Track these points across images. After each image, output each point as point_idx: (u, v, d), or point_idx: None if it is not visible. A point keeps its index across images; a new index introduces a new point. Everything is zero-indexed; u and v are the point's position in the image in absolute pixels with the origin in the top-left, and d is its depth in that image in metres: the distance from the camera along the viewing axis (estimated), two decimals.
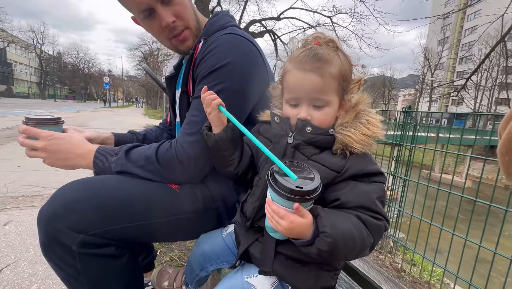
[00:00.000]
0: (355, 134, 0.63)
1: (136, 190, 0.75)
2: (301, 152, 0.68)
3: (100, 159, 0.80)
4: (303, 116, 0.66)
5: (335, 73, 0.64)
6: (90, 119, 12.19)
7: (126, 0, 0.80)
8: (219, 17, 0.91)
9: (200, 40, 0.84)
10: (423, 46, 44.23)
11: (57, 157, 0.80)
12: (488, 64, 30.45)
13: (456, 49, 43.99)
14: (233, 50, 0.78)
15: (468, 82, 4.25)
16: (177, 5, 0.82)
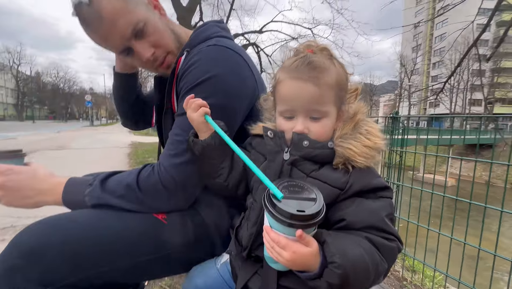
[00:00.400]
0: (357, 146, 0.59)
1: (116, 225, 0.65)
2: (299, 168, 0.62)
3: (70, 193, 0.70)
4: (300, 130, 0.61)
5: (331, 82, 0.60)
6: (71, 139, 11.69)
7: (104, 45, 0.78)
8: (204, 28, 0.85)
9: (183, 52, 0.78)
10: (398, 54, 46.75)
11: (16, 194, 0.69)
12: (459, 68, 32.50)
13: (429, 55, 46.85)
14: (217, 62, 0.72)
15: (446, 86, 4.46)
16: (151, 35, 0.77)
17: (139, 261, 0.66)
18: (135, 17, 0.74)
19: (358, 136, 0.61)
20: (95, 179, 0.71)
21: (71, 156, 7.04)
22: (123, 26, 0.73)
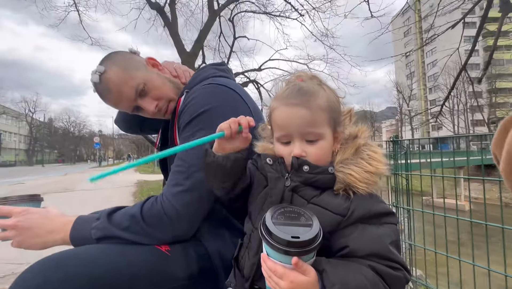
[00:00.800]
0: (358, 172, 0.58)
1: (119, 260, 0.65)
2: (300, 194, 0.62)
3: (78, 229, 0.72)
4: (298, 153, 0.61)
5: (323, 104, 0.62)
6: (77, 181, 11.78)
7: (118, 108, 0.94)
8: (202, 70, 0.95)
9: (183, 93, 0.87)
10: (393, 81, 48.55)
11: (27, 233, 0.71)
12: (455, 91, 33.26)
13: (423, 81, 48.47)
14: (212, 97, 0.79)
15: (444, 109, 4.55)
16: (152, 91, 0.90)
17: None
18: (136, 81, 0.87)
19: (360, 161, 0.61)
20: (101, 213, 0.74)
21: (77, 197, 7.04)
22: (128, 91, 0.87)
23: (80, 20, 7.78)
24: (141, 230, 0.70)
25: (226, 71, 0.98)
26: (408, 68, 49.28)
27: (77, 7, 7.54)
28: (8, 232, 0.71)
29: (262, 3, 8.28)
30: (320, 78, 0.68)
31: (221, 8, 7.75)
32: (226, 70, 0.99)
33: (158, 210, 0.71)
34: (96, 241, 0.70)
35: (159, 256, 0.70)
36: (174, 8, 7.31)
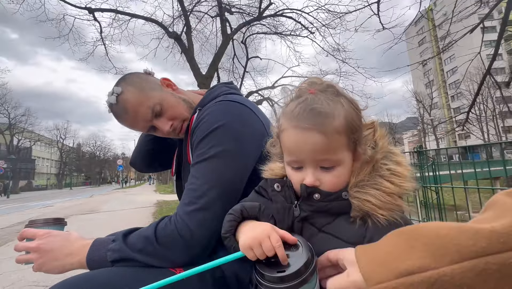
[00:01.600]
0: (377, 196, 0.50)
1: (132, 284, 0.62)
2: (311, 222, 0.55)
3: (94, 252, 0.72)
4: (311, 183, 0.53)
5: (340, 126, 0.52)
6: (102, 203, 12.22)
7: (133, 129, 0.93)
8: (214, 89, 0.96)
9: (196, 111, 0.88)
10: (412, 91, 47.15)
11: (47, 256, 0.71)
12: (481, 97, 31.54)
13: (444, 89, 46.63)
14: (224, 114, 0.79)
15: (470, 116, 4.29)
16: (167, 112, 0.90)
17: None
18: (152, 101, 0.88)
19: (379, 181, 0.52)
20: (117, 234, 0.73)
21: (101, 218, 7.26)
22: (144, 112, 0.88)
23: (106, 53, 8.51)
24: (155, 252, 0.68)
25: (236, 89, 1.00)
26: (427, 77, 47.88)
27: (104, 41, 8.29)
28: (31, 254, 0.73)
29: (273, 25, 8.62)
30: (337, 88, 0.57)
31: (234, 32, 8.15)
32: (236, 88, 1.01)
33: (171, 230, 0.69)
34: (111, 263, 0.69)
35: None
36: (190, 35, 7.81)
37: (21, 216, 8.73)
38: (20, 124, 40.52)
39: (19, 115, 40.17)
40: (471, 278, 0.30)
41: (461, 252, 0.32)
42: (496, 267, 0.30)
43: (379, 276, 0.35)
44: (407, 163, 0.56)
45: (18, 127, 40.20)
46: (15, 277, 2.88)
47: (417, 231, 0.37)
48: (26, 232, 0.76)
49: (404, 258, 0.34)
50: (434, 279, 0.32)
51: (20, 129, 40.47)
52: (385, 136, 0.59)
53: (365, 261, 0.38)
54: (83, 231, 0.79)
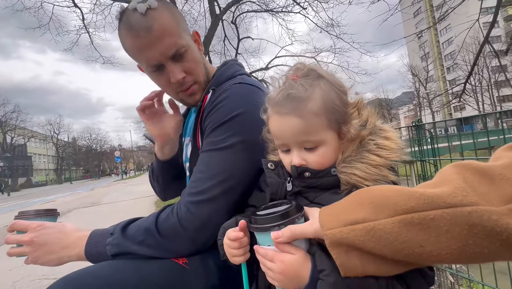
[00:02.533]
0: (363, 169, 0.54)
1: (135, 276, 0.62)
2: (304, 196, 0.60)
3: (93, 245, 0.70)
4: (297, 163, 0.58)
5: (316, 108, 0.56)
6: (103, 195, 12.31)
7: (138, 55, 0.76)
8: (227, 66, 0.89)
9: (209, 91, 0.81)
10: (407, 65, 46.49)
11: (42, 249, 0.69)
12: (476, 68, 31.27)
13: (440, 61, 46.05)
14: (243, 100, 0.74)
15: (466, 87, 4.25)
16: (188, 62, 0.78)
17: None
18: (181, 41, 0.75)
19: (366, 155, 0.56)
20: (115, 227, 0.71)
21: (104, 210, 7.34)
22: (167, 44, 0.73)
23: (91, 41, 8.13)
24: (156, 244, 0.67)
25: (244, 68, 0.94)
26: (422, 50, 47.07)
27: (87, 29, 7.89)
28: (24, 247, 0.70)
29: (263, 1, 8.23)
30: (319, 72, 0.60)
31: (223, 12, 7.78)
32: (243, 67, 0.95)
33: (173, 220, 0.67)
34: (111, 257, 0.68)
35: (177, 270, 0.66)
36: None
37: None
38: (11, 121, 39.69)
39: (8, 112, 39.28)
40: (398, 228, 0.39)
41: (395, 209, 0.40)
42: (418, 221, 0.38)
43: (330, 224, 0.45)
44: (397, 137, 0.59)
45: (10, 125, 39.40)
46: (24, 272, 2.94)
47: (367, 192, 0.46)
48: (16, 224, 0.72)
49: (353, 212, 0.44)
50: (371, 227, 0.41)
51: (12, 126, 39.70)
52: (373, 114, 0.61)
53: (323, 214, 0.48)
54: (87, 224, 0.77)
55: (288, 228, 0.48)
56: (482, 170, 0.39)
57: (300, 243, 0.50)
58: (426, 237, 0.38)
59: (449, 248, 0.37)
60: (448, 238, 0.37)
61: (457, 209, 0.36)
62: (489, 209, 0.35)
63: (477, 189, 0.37)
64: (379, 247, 0.41)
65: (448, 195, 0.37)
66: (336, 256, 0.43)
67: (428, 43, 47.99)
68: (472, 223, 0.35)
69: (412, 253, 0.39)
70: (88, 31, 7.93)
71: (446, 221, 0.36)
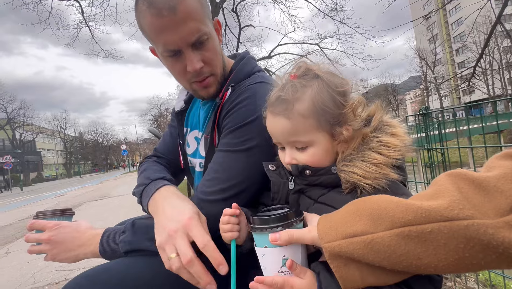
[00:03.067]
0: (363, 167, 0.54)
1: (146, 272, 0.65)
2: (307, 194, 0.61)
3: (106, 243, 0.73)
4: (288, 162, 0.61)
5: (304, 110, 0.57)
6: (112, 188, 12.59)
7: (157, 36, 0.70)
8: (245, 61, 0.86)
9: (228, 87, 0.80)
10: (414, 48, 45.02)
11: (60, 247, 0.73)
12: (487, 49, 30.10)
13: (449, 43, 44.42)
14: (264, 102, 0.71)
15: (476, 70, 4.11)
16: (208, 51, 0.74)
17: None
18: (205, 28, 0.71)
19: (367, 153, 0.55)
20: (127, 225, 0.74)
21: (113, 203, 7.53)
22: (190, 29, 0.68)
23: (92, 35, 8.08)
24: None
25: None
26: (430, 32, 45.35)
27: (87, 22, 7.82)
28: (43, 245, 0.74)
29: None
30: (316, 72, 0.60)
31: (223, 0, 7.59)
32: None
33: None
34: (124, 254, 0.70)
35: None
36: None
37: (38, 206, 9.08)
38: (19, 118, 40.35)
39: (15, 109, 39.84)
40: (396, 241, 0.40)
41: (393, 222, 0.40)
42: (416, 234, 0.38)
43: (329, 237, 0.45)
44: (404, 133, 0.58)
45: (18, 121, 40.09)
46: (42, 264, 3.08)
47: (364, 203, 0.45)
48: (35, 223, 0.76)
49: (351, 224, 0.44)
50: (369, 240, 0.41)
51: (20, 123, 40.40)
52: (380, 109, 0.61)
53: (322, 224, 0.48)
54: (98, 216, 0.80)
55: (287, 231, 0.49)
56: (476, 180, 0.39)
57: (297, 248, 0.51)
58: (424, 250, 0.38)
59: (446, 260, 0.37)
60: (445, 250, 0.37)
61: (454, 223, 0.36)
62: (485, 222, 0.35)
63: (472, 201, 0.37)
64: (378, 260, 0.41)
65: (445, 208, 0.37)
66: (336, 269, 0.44)
67: (436, 24, 46.17)
68: (469, 236, 0.35)
69: (411, 265, 0.40)
70: (88, 24, 7.87)
71: (444, 234, 0.37)
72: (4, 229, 5.73)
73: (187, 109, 0.97)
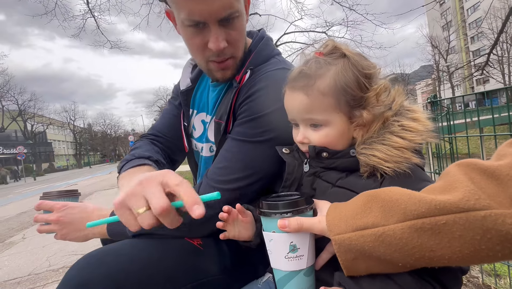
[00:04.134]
0: (383, 151, 0.52)
1: (153, 256, 0.66)
2: (323, 178, 0.59)
3: (114, 224, 0.74)
4: (299, 140, 0.60)
5: (325, 88, 0.56)
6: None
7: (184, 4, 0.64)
8: (264, 42, 0.81)
9: (247, 71, 0.75)
10: (427, 36, 43.31)
11: (69, 228, 0.76)
12: (505, 35, 28.68)
13: (463, 30, 42.52)
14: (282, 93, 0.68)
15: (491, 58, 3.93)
16: (235, 30, 0.69)
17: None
18: (237, 4, 0.66)
19: (388, 137, 0.53)
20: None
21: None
22: (223, 3, 0.63)
23: (98, 26, 8.09)
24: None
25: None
26: (444, 18, 43.44)
27: (92, 12, 7.81)
28: (52, 225, 0.77)
29: None
30: (343, 51, 0.58)
31: None
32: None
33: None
34: (132, 237, 0.72)
35: (192, 251, 0.70)
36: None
37: None
38: (30, 109, 41.22)
39: (26, 100, 40.64)
40: (408, 233, 0.39)
41: (405, 214, 0.39)
42: (429, 227, 0.37)
43: (339, 229, 0.44)
44: (425, 118, 0.56)
45: (29, 113, 40.98)
46: (57, 248, 3.22)
47: (376, 195, 0.44)
48: (42, 204, 0.78)
49: (362, 216, 0.43)
50: (380, 233, 0.40)
51: (31, 114, 41.29)
52: (401, 94, 0.59)
53: (331, 215, 0.46)
54: (108, 204, 0.82)
55: (296, 219, 0.48)
56: (488, 170, 0.37)
57: (305, 235, 0.50)
58: (437, 242, 0.37)
59: (461, 252, 0.36)
60: (460, 243, 0.36)
61: (471, 214, 0.35)
62: (503, 212, 0.34)
63: (486, 191, 0.36)
64: (389, 252, 0.40)
65: (460, 199, 0.36)
66: (344, 263, 0.44)
67: (451, 10, 44.11)
68: (487, 227, 0.34)
69: (423, 257, 0.39)
70: (93, 15, 7.87)
71: (459, 226, 0.36)
72: (20, 216, 5.98)
73: (193, 89, 0.91)
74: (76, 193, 0.86)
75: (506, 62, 31.34)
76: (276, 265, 0.53)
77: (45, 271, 2.62)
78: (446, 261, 0.38)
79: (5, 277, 2.59)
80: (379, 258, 0.42)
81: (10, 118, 37.98)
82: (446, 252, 0.37)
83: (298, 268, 0.51)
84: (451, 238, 0.36)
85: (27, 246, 3.52)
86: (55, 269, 2.63)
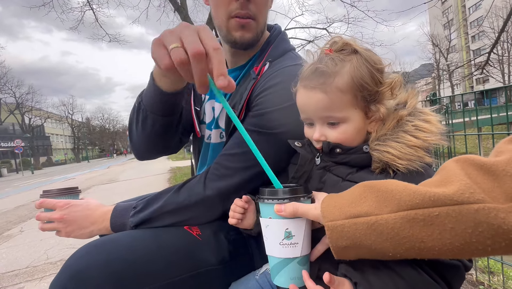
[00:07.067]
0: (397, 148, 0.52)
1: (152, 244, 0.67)
2: (334, 172, 0.59)
3: (117, 218, 0.76)
4: (317, 138, 0.60)
5: (343, 85, 0.56)
6: (119, 173, 12.89)
7: None
8: (282, 37, 0.84)
9: (266, 62, 0.78)
10: (428, 34, 43.13)
11: (73, 226, 0.76)
12: (505, 35, 28.61)
13: (465, 28, 42.37)
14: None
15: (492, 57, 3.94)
16: (259, 4, 0.73)
17: (177, 280, 0.67)
18: None
19: (402, 135, 0.54)
20: (138, 201, 0.77)
21: (121, 187, 7.74)
22: None
23: (96, 18, 7.99)
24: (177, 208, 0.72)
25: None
26: (445, 16, 43.24)
27: (91, 5, 7.71)
28: (56, 223, 0.77)
29: None
30: (354, 47, 0.59)
31: None
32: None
33: (199, 191, 0.72)
34: (133, 228, 0.73)
35: (190, 241, 0.71)
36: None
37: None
38: (27, 102, 40.91)
39: (24, 93, 40.29)
40: (400, 224, 0.39)
41: (399, 205, 0.40)
42: (422, 218, 0.38)
43: (332, 216, 0.45)
44: (437, 121, 0.56)
45: (26, 106, 40.69)
46: (54, 242, 3.22)
47: (372, 185, 0.45)
48: (44, 202, 0.78)
49: (356, 205, 0.44)
50: (373, 222, 0.41)
51: (28, 108, 41.01)
52: (415, 95, 0.60)
53: (326, 203, 0.47)
54: (107, 199, 0.82)
55: (292, 204, 0.49)
56: (485, 165, 0.37)
57: (301, 222, 0.51)
58: (429, 234, 0.38)
59: (451, 245, 0.37)
60: (452, 235, 0.36)
61: (464, 207, 0.35)
62: (496, 206, 0.34)
63: (482, 185, 0.36)
64: (379, 241, 0.41)
65: (455, 192, 0.36)
66: (334, 248, 0.45)
67: (452, 8, 43.85)
68: (479, 221, 0.34)
69: (413, 248, 0.39)
70: (91, 7, 7.77)
71: (451, 218, 0.36)
72: (18, 209, 5.98)
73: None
74: (77, 190, 0.86)
75: (506, 61, 31.31)
76: (270, 252, 0.53)
77: (43, 263, 2.63)
78: (436, 253, 0.39)
79: (3, 269, 2.60)
80: (370, 246, 0.42)
81: (8, 112, 37.75)
82: (437, 244, 0.37)
83: (292, 255, 0.51)
84: (442, 230, 0.37)
85: (25, 239, 3.52)
86: (53, 262, 2.64)
